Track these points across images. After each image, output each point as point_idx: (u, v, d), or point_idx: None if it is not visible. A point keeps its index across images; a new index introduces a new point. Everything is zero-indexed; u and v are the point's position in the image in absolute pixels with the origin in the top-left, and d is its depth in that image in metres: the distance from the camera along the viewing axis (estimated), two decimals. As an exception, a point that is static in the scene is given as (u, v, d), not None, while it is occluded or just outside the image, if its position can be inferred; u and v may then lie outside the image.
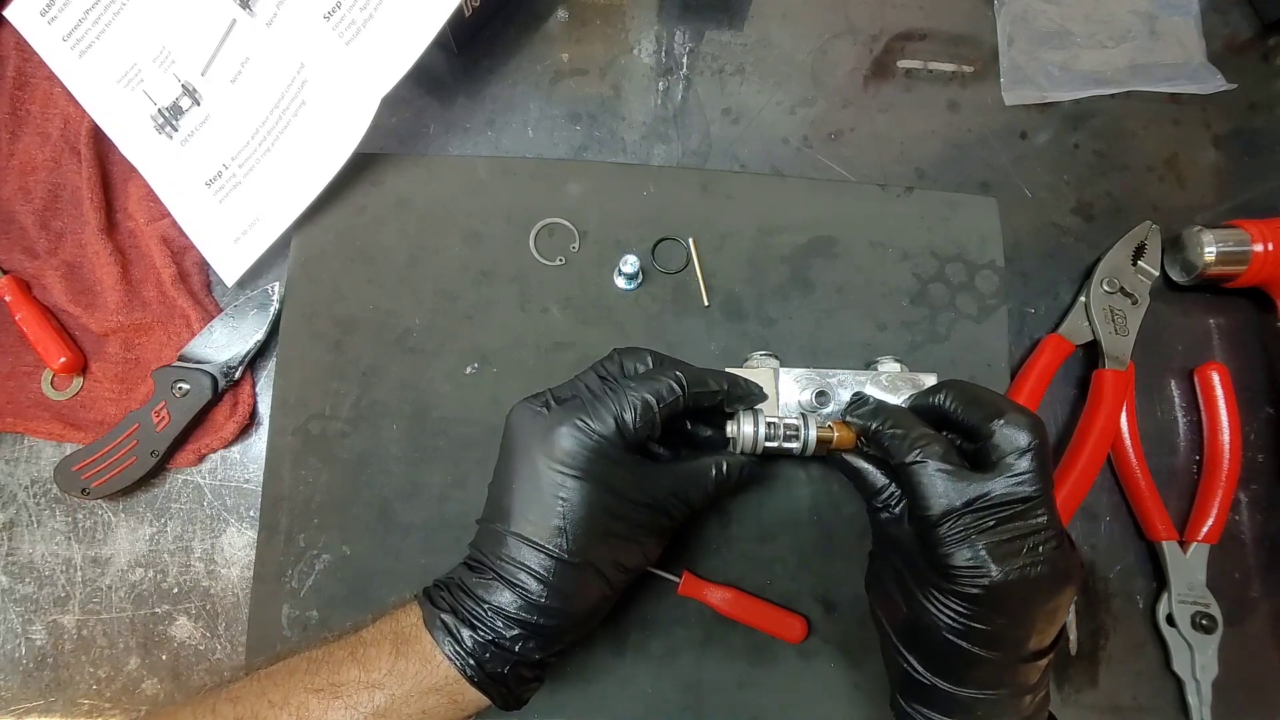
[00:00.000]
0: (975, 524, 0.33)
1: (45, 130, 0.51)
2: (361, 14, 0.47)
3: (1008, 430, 0.34)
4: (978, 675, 0.34)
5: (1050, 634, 0.34)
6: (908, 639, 0.37)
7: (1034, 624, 0.33)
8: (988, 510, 0.33)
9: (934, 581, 0.34)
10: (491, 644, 0.34)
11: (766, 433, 0.40)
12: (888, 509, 0.38)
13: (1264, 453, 0.51)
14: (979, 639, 0.33)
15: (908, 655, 0.36)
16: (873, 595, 0.41)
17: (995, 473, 0.33)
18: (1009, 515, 0.33)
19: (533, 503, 0.35)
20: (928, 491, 0.34)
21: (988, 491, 0.33)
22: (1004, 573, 0.32)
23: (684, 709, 0.45)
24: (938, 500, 0.34)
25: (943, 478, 0.34)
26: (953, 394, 0.38)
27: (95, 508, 0.47)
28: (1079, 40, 0.57)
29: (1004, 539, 0.32)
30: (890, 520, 0.38)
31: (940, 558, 0.33)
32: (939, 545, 0.33)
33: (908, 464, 0.35)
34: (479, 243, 0.50)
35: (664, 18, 0.56)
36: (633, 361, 0.39)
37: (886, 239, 0.51)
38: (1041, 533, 0.33)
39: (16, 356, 0.48)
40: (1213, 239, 0.49)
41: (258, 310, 0.48)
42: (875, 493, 0.39)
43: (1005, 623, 0.33)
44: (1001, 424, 0.34)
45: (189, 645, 0.46)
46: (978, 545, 0.32)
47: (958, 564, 0.33)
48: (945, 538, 0.33)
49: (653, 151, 0.53)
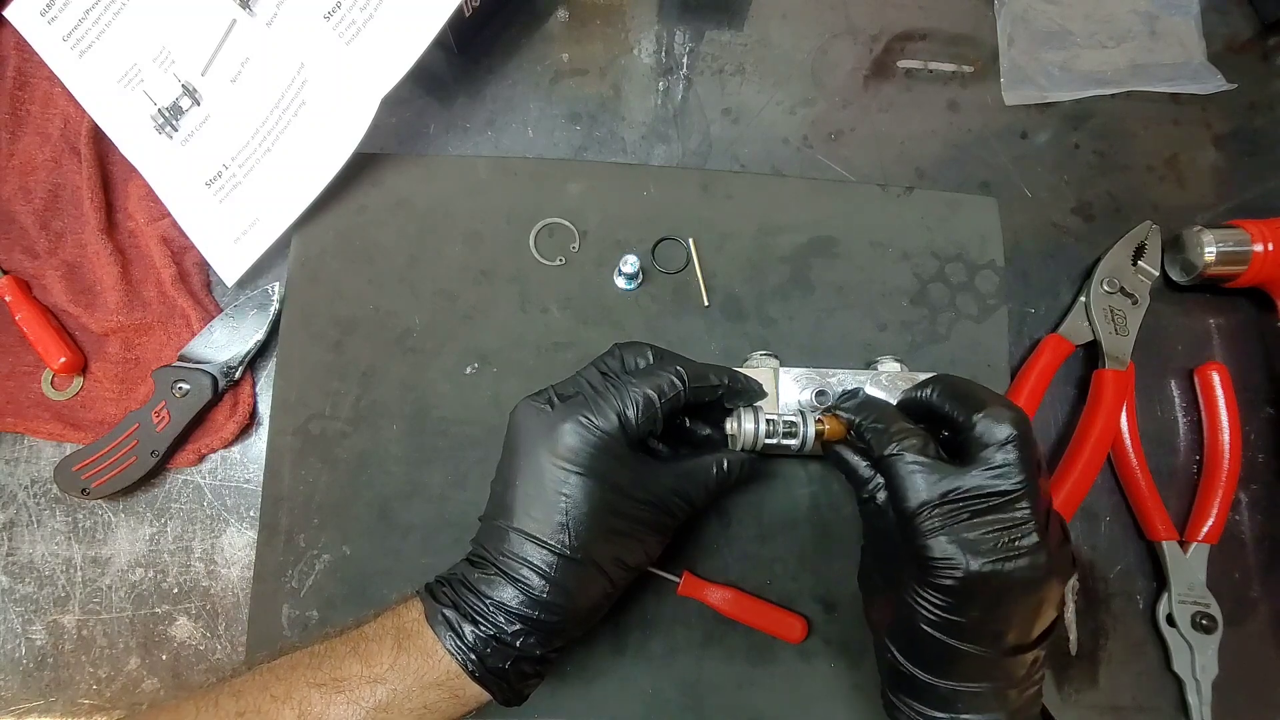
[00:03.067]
0: (950, 516, 0.33)
1: (45, 130, 0.51)
2: (361, 14, 0.47)
3: (987, 423, 0.34)
4: (958, 668, 0.34)
5: (1034, 629, 0.34)
6: (892, 631, 0.37)
7: (1011, 618, 0.33)
8: (962, 502, 0.33)
9: (913, 574, 0.34)
10: (493, 639, 0.34)
11: (766, 429, 0.40)
12: (874, 500, 0.38)
13: (1264, 453, 0.51)
14: (954, 631, 0.33)
15: (892, 647, 0.36)
16: (863, 588, 0.41)
17: (972, 466, 0.33)
18: (984, 508, 0.33)
19: (536, 499, 0.35)
20: (904, 484, 0.34)
21: (962, 484, 0.33)
22: (977, 565, 0.32)
23: (684, 709, 0.45)
24: (914, 493, 0.34)
25: (919, 471, 0.34)
26: (938, 388, 0.38)
27: (95, 508, 0.47)
28: (1079, 40, 0.57)
29: (979, 532, 0.32)
30: (875, 512, 0.38)
31: (917, 550, 0.33)
32: (915, 537, 0.33)
33: (886, 456, 0.35)
34: (479, 243, 0.50)
35: (664, 18, 0.56)
36: (633, 357, 0.39)
37: (886, 239, 0.51)
38: (1019, 526, 0.32)
39: (16, 356, 0.48)
40: (1213, 239, 0.49)
41: (258, 310, 0.48)
42: (863, 484, 0.39)
43: (979, 615, 0.33)
44: (981, 417, 0.34)
45: (189, 645, 0.46)
46: (951, 537, 0.32)
47: (933, 555, 0.33)
48: (921, 529, 0.33)
49: (653, 151, 0.53)
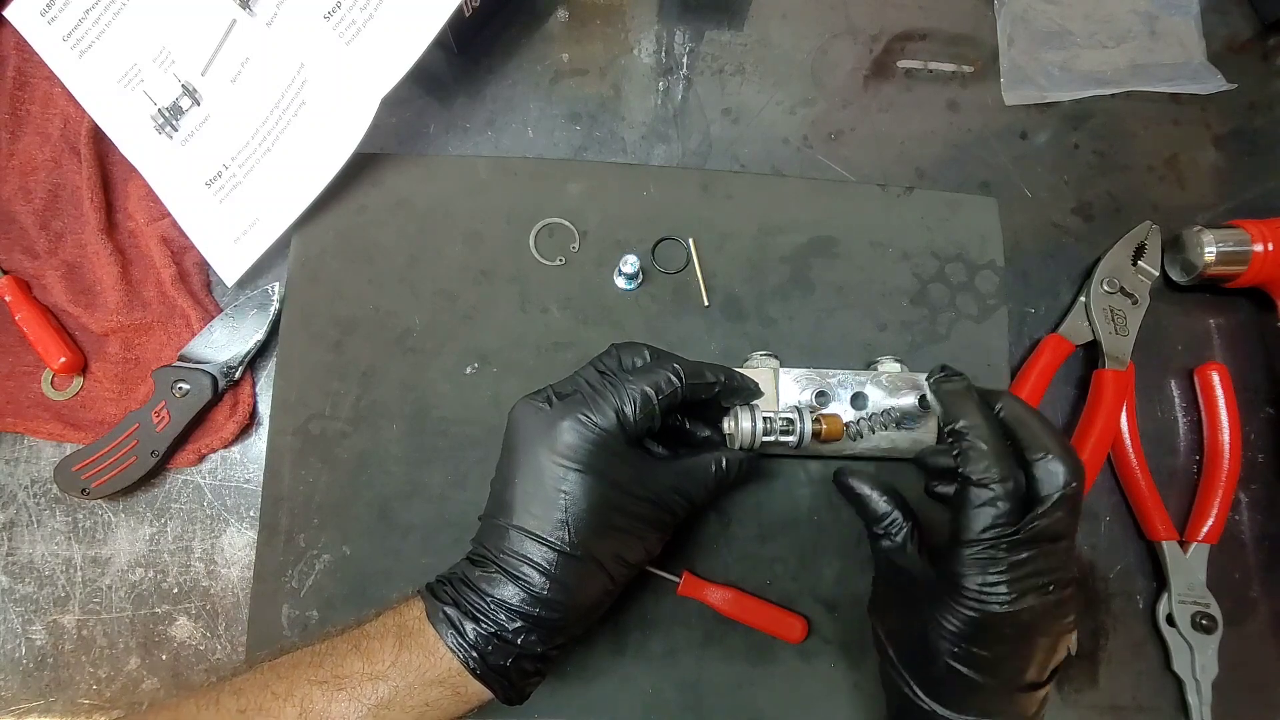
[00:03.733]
0: (1005, 553, 0.33)
1: (45, 130, 0.51)
2: (361, 14, 0.47)
3: (1051, 468, 0.34)
4: (975, 701, 0.35)
5: (1049, 666, 0.35)
6: (908, 662, 0.37)
7: (1033, 655, 0.34)
8: (1019, 543, 0.33)
9: (941, 603, 0.34)
10: (494, 636, 0.34)
11: (763, 426, 0.40)
12: (889, 537, 0.38)
13: (1264, 453, 0.51)
14: (976, 664, 0.34)
15: (908, 678, 0.37)
16: (875, 618, 0.41)
17: (1033, 506, 0.34)
18: (1035, 550, 0.33)
19: (535, 497, 0.35)
20: (975, 513, 0.34)
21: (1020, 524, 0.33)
22: (1015, 603, 0.33)
23: (684, 709, 0.45)
24: (980, 522, 0.34)
25: (998, 504, 0.34)
26: (1008, 410, 0.37)
27: (95, 508, 0.47)
28: (1079, 40, 0.57)
29: (1025, 574, 0.33)
30: (892, 548, 0.38)
31: (956, 576, 0.34)
32: (960, 564, 0.34)
33: (975, 481, 0.34)
34: (479, 243, 0.50)
35: (664, 18, 0.56)
36: (631, 356, 0.40)
37: (886, 239, 0.51)
38: (1058, 572, 0.33)
39: (16, 356, 0.48)
40: (1213, 239, 0.49)
41: (258, 310, 0.48)
42: (877, 519, 0.39)
43: (1006, 651, 0.34)
44: (1048, 459, 0.34)
45: (189, 645, 0.46)
46: (1000, 572, 0.33)
47: (973, 587, 0.33)
48: (970, 558, 0.34)
49: (653, 151, 0.53)
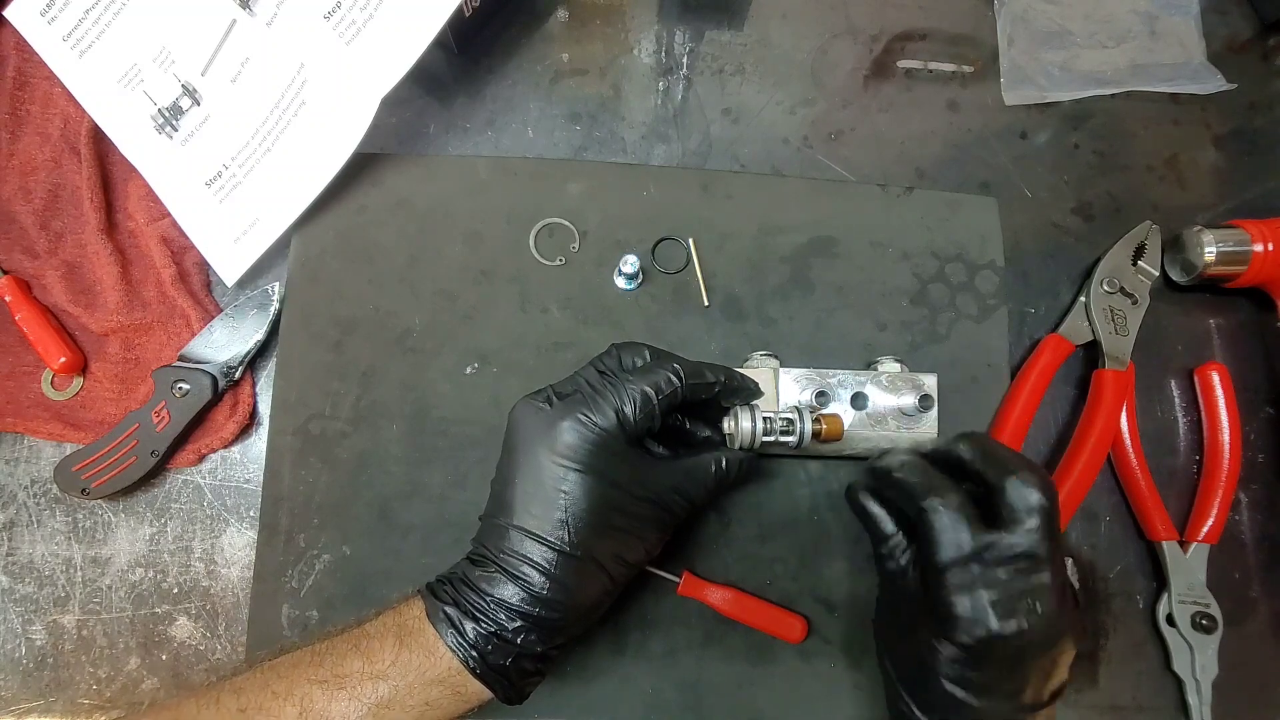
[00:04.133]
0: (981, 575, 0.33)
1: (45, 130, 0.51)
2: (361, 14, 0.47)
3: (1018, 488, 0.34)
4: None
5: (1047, 688, 0.35)
6: (908, 683, 0.37)
7: (1028, 678, 0.34)
8: (994, 563, 0.33)
9: (933, 629, 0.35)
10: (494, 636, 0.34)
11: (763, 426, 0.40)
12: (893, 558, 0.39)
13: (1264, 453, 0.51)
14: (972, 687, 0.34)
15: (908, 700, 0.37)
16: (878, 636, 0.41)
17: (1002, 528, 0.34)
18: (1013, 571, 0.33)
19: (535, 497, 0.35)
20: (939, 537, 0.34)
21: (995, 544, 0.34)
22: (1000, 626, 0.33)
23: (684, 709, 0.45)
24: (947, 547, 0.34)
25: (955, 526, 0.34)
26: (968, 445, 0.38)
27: (95, 508, 0.47)
28: (1079, 40, 0.57)
29: (1006, 594, 0.33)
30: (896, 571, 0.39)
31: (940, 606, 0.34)
32: (941, 593, 0.34)
33: (923, 508, 0.35)
34: (479, 243, 0.50)
35: (664, 18, 0.56)
36: (630, 356, 0.40)
37: (886, 239, 0.51)
38: (1041, 590, 0.33)
39: (16, 356, 0.48)
40: (1213, 239, 0.49)
41: (258, 310, 0.48)
42: (883, 539, 0.39)
43: (998, 674, 0.34)
44: (1015, 480, 0.34)
45: (189, 645, 0.46)
46: (980, 596, 0.33)
47: (958, 613, 0.33)
48: (949, 585, 0.34)
49: (653, 151, 0.53)
